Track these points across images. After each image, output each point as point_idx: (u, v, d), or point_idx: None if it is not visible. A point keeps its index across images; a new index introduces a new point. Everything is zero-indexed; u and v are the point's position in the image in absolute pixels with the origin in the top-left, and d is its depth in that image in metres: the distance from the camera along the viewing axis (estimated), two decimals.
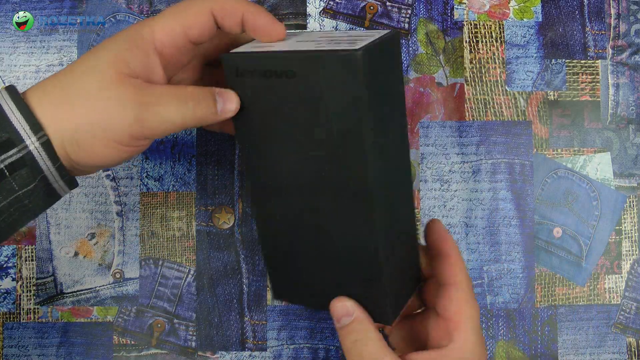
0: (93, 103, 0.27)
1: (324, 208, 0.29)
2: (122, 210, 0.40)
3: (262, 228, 0.32)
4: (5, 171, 0.26)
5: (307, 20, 0.41)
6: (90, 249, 0.40)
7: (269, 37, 0.30)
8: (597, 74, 0.42)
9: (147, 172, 0.41)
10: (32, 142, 0.26)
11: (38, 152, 0.27)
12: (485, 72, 0.41)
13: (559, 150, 0.41)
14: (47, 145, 0.27)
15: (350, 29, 0.41)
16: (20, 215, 0.28)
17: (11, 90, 0.27)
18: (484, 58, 0.42)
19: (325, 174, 0.28)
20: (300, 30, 0.41)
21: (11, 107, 0.26)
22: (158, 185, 0.40)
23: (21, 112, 0.26)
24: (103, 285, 0.40)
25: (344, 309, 0.30)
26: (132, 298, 0.40)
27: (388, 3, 0.42)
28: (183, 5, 0.29)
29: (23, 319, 0.40)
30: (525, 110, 0.41)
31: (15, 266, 0.40)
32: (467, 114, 0.41)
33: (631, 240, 0.41)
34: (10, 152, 0.26)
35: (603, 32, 0.42)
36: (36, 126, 0.26)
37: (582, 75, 0.42)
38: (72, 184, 0.29)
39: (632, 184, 0.41)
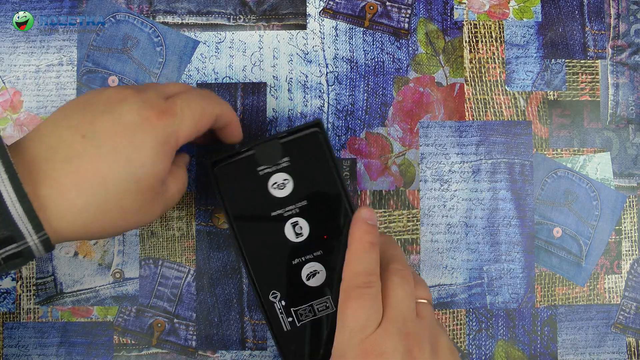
0: (129, 217, 0.29)
1: None
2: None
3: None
4: (1, 261, 0.27)
5: (307, 20, 0.42)
6: (90, 249, 0.40)
7: (235, 140, 0.36)
8: (597, 74, 0.42)
9: None
10: (32, 240, 0.27)
11: (37, 247, 0.27)
12: (485, 72, 0.41)
13: (559, 150, 0.41)
14: (46, 241, 0.27)
15: (350, 29, 0.41)
16: None
17: (11, 175, 0.26)
18: (483, 58, 0.42)
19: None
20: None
21: (13, 201, 0.26)
22: None
23: (24, 208, 0.26)
24: (103, 285, 0.40)
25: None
26: (132, 298, 0.40)
27: (388, 3, 0.42)
28: (199, 109, 0.31)
29: (23, 319, 0.40)
30: (525, 110, 0.41)
31: None
32: (467, 114, 0.41)
33: (631, 240, 0.41)
34: (10, 247, 0.27)
35: (603, 32, 0.42)
36: (38, 226, 0.27)
37: (582, 75, 0.42)
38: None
39: (632, 184, 0.41)
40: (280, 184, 0.34)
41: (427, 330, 0.30)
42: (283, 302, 0.33)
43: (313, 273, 0.34)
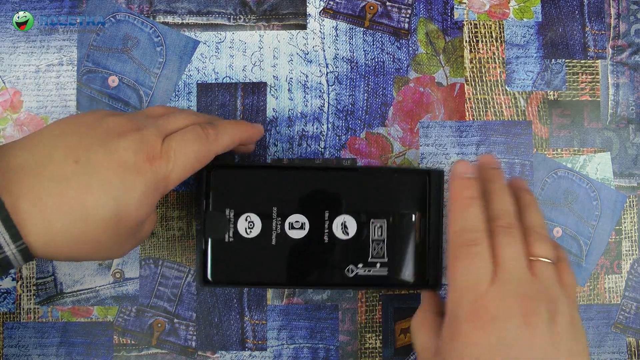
0: (104, 251, 0.30)
1: None
2: None
3: None
4: None
5: (307, 20, 0.42)
6: None
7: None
8: (597, 73, 0.42)
9: None
10: (10, 250, 0.26)
11: (14, 257, 0.27)
12: (485, 72, 0.41)
13: (559, 150, 0.41)
14: (24, 251, 0.27)
15: (350, 29, 0.41)
16: None
17: None
18: (484, 58, 0.42)
19: None
20: None
21: None
22: None
23: (2, 220, 0.26)
24: (103, 285, 0.40)
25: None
26: (132, 298, 0.40)
27: (388, 3, 0.42)
28: (194, 154, 0.31)
29: (23, 319, 0.40)
30: (525, 110, 0.41)
31: None
32: (467, 114, 0.41)
33: (631, 240, 0.41)
34: None
35: (603, 32, 0.42)
36: (16, 236, 0.26)
37: (582, 75, 0.42)
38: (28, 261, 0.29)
39: (632, 184, 0.41)
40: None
41: (545, 292, 0.28)
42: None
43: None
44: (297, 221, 0.35)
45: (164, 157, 0.30)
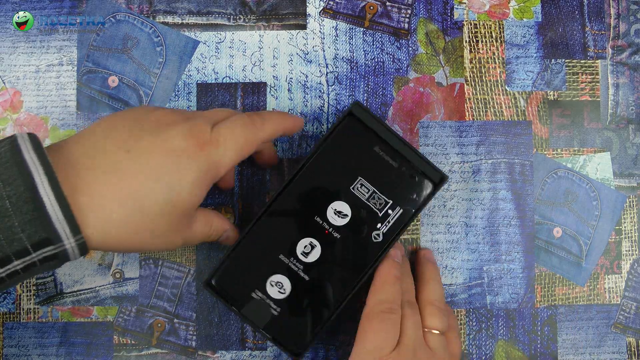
0: (155, 239, 0.30)
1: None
2: None
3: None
4: (37, 262, 0.27)
5: (307, 20, 0.42)
6: None
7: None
8: (597, 73, 0.42)
9: None
10: (69, 243, 0.27)
11: (72, 250, 0.27)
12: (485, 72, 0.41)
13: (559, 150, 0.41)
14: (82, 245, 0.28)
15: (350, 29, 0.41)
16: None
17: (51, 177, 0.26)
18: (483, 58, 0.42)
19: None
20: None
21: (52, 204, 0.26)
22: None
23: (63, 211, 0.26)
24: (103, 285, 0.40)
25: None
26: (132, 298, 0.40)
27: (388, 3, 0.42)
28: (242, 139, 0.32)
29: (23, 319, 0.40)
30: (525, 110, 0.41)
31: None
32: (467, 114, 0.41)
33: (631, 240, 0.41)
34: (47, 249, 0.27)
35: (603, 32, 0.42)
36: (75, 229, 0.27)
37: (582, 75, 0.42)
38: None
39: (632, 184, 0.41)
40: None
41: (435, 359, 0.33)
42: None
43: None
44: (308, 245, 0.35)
45: (214, 143, 0.30)
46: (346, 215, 0.35)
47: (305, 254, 0.35)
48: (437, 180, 0.36)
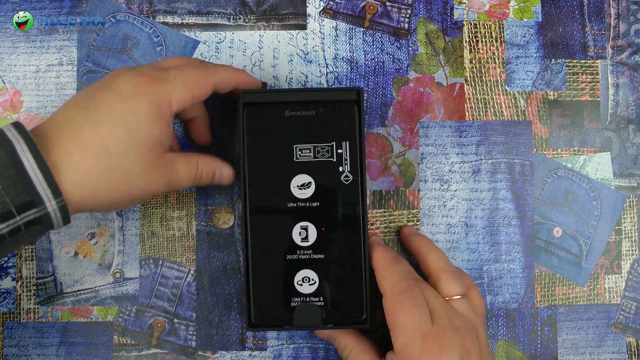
0: (134, 181, 0.31)
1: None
2: (122, 210, 0.40)
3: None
4: (22, 227, 0.29)
5: (307, 21, 0.42)
6: (90, 249, 0.40)
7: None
8: (597, 73, 0.42)
9: None
10: (51, 205, 0.29)
11: (55, 213, 0.29)
12: (485, 72, 0.41)
13: (559, 150, 0.41)
14: (63, 208, 0.29)
15: (350, 29, 0.41)
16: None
17: (31, 146, 0.29)
18: (483, 58, 0.42)
19: None
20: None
21: (34, 168, 0.28)
22: None
23: (44, 175, 0.28)
24: (103, 285, 0.40)
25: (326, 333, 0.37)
26: (132, 298, 0.40)
27: (388, 3, 0.42)
28: (193, 78, 0.33)
29: (23, 319, 0.40)
30: (525, 110, 0.41)
31: (15, 266, 0.40)
32: (467, 114, 0.41)
33: (631, 240, 0.41)
34: (30, 212, 0.29)
35: (603, 32, 0.42)
36: (57, 192, 0.29)
37: (582, 75, 0.42)
38: (66, 224, 0.31)
39: (632, 184, 0.41)
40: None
41: (469, 323, 0.33)
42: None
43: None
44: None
45: (164, 80, 0.32)
46: (309, 182, 0.35)
47: (305, 239, 0.35)
48: (356, 97, 0.36)
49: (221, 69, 0.35)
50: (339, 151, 0.35)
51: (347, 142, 0.35)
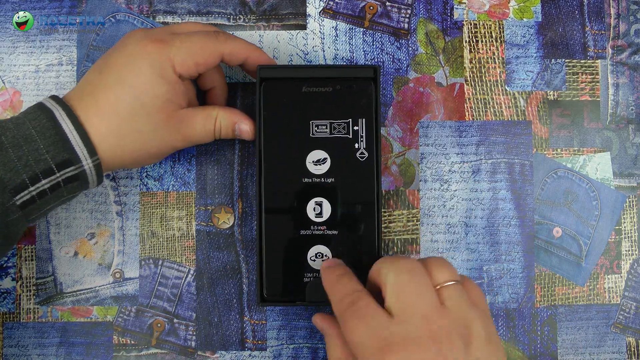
0: (147, 140, 0.33)
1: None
2: (121, 210, 0.40)
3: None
4: (62, 183, 0.32)
5: (307, 21, 0.42)
6: (90, 249, 0.40)
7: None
8: (597, 73, 0.42)
9: (146, 171, 0.41)
10: (87, 164, 0.32)
11: (90, 171, 0.32)
12: (485, 72, 0.41)
13: (559, 150, 0.41)
14: (98, 166, 0.33)
15: (350, 29, 0.41)
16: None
17: (69, 112, 0.32)
18: (483, 58, 0.42)
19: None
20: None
21: (72, 131, 0.31)
22: (158, 185, 0.40)
23: (81, 137, 0.32)
24: (103, 285, 0.40)
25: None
26: (132, 298, 0.40)
27: (388, 3, 0.42)
28: (199, 43, 0.34)
29: (23, 319, 0.40)
30: (525, 110, 0.41)
31: (15, 266, 0.40)
32: (466, 114, 0.41)
33: (631, 240, 0.41)
34: (68, 169, 0.32)
35: (603, 32, 0.42)
36: (92, 151, 0.32)
37: (582, 75, 0.42)
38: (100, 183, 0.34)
39: (632, 184, 0.41)
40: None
41: (455, 319, 0.28)
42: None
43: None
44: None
45: (169, 43, 0.33)
46: (325, 158, 0.35)
47: (319, 214, 0.35)
48: (373, 74, 0.36)
49: (233, 41, 0.35)
50: (355, 128, 0.35)
51: (364, 119, 0.36)
